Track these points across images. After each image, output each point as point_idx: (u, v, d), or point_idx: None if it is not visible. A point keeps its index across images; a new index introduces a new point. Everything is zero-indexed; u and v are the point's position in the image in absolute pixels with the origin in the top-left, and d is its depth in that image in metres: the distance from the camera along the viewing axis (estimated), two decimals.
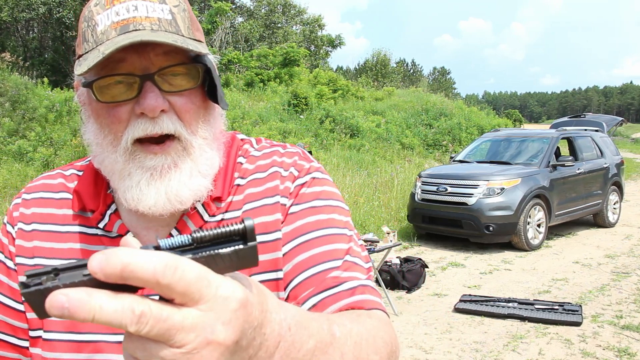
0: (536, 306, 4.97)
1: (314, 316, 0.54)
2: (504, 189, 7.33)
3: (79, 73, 0.69)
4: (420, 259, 6.17)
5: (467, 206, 7.35)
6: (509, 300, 5.12)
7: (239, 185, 0.81)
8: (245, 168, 0.82)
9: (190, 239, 0.38)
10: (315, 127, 14.44)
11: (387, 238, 5.71)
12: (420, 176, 8.23)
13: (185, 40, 0.70)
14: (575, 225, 9.08)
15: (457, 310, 5.06)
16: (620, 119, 12.50)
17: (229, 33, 24.33)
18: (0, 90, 10.52)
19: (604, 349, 4.13)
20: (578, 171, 8.41)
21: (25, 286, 0.35)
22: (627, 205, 10.93)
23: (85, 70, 0.67)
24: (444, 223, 7.68)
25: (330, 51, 32.79)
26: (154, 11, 0.70)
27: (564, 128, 10.44)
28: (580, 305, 4.94)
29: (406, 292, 5.67)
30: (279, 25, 31.94)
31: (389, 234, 5.73)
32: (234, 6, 26.96)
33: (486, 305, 5.05)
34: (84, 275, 0.35)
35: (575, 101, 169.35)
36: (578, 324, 4.60)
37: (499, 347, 4.22)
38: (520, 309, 4.91)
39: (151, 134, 0.70)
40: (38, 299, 0.35)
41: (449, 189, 7.61)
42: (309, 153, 0.88)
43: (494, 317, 4.85)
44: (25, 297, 0.35)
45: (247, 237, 0.38)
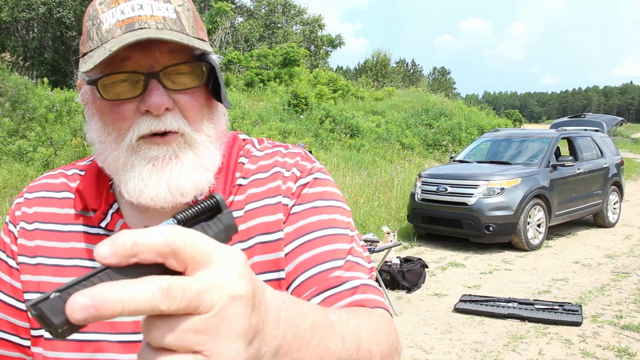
0: (536, 306, 4.97)
1: (305, 301, 0.53)
2: (504, 189, 7.33)
3: (84, 70, 0.70)
4: (420, 259, 6.17)
5: (467, 206, 7.35)
6: (509, 300, 5.12)
7: (240, 185, 0.81)
8: (247, 168, 0.82)
9: (175, 221, 0.40)
10: (315, 127, 14.44)
11: (387, 238, 5.71)
12: (420, 176, 8.23)
13: (190, 39, 0.71)
14: (575, 225, 9.08)
15: (457, 310, 5.06)
16: (620, 119, 12.51)
17: (229, 33, 24.33)
18: (0, 90, 10.52)
19: (604, 349, 4.13)
20: (578, 171, 8.41)
21: (35, 309, 0.33)
22: (627, 205, 10.93)
23: (91, 68, 0.68)
24: (444, 223, 7.68)
25: (330, 51, 32.85)
26: (159, 10, 0.71)
27: (564, 128, 10.44)
28: (580, 305, 4.94)
29: (406, 292, 5.67)
30: (279, 25, 31.97)
31: (389, 234, 5.73)
32: (234, 6, 26.97)
33: (486, 305, 5.05)
34: (84, 285, 0.34)
35: (575, 101, 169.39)
36: (578, 324, 4.60)
37: (499, 347, 4.22)
38: (520, 309, 4.91)
39: (156, 130, 0.71)
40: (53, 314, 0.33)
41: (449, 189, 7.61)
42: (309, 153, 0.88)
43: (494, 317, 4.86)
44: (37, 317, 0.33)
45: (222, 208, 0.42)
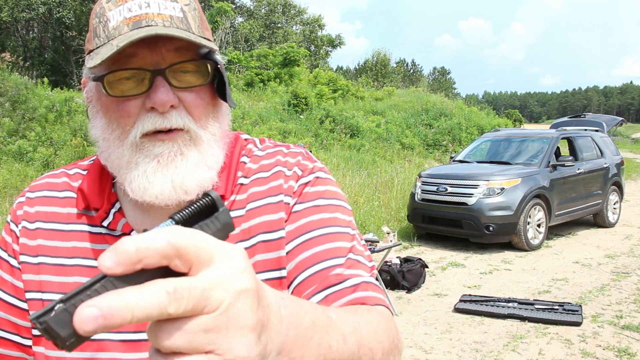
0: (536, 306, 4.97)
1: (303, 300, 0.53)
2: (504, 189, 7.33)
3: (91, 66, 0.70)
4: (420, 259, 6.17)
5: (467, 206, 7.35)
6: (509, 300, 5.12)
7: (242, 184, 0.81)
8: (249, 167, 0.82)
9: (173, 222, 0.40)
10: (315, 127, 14.44)
11: (387, 238, 5.71)
12: (420, 176, 8.23)
13: (196, 37, 0.71)
14: (575, 225, 9.08)
15: (457, 310, 5.06)
16: (620, 119, 12.51)
17: (229, 33, 24.35)
18: (0, 90, 10.52)
19: (604, 349, 4.13)
20: (578, 171, 8.41)
21: (41, 322, 0.32)
22: (627, 205, 10.93)
23: (98, 63, 0.68)
24: (444, 223, 7.68)
25: (330, 51, 32.88)
26: (166, 9, 0.72)
27: (564, 128, 10.44)
28: (580, 305, 4.94)
29: (406, 292, 5.67)
30: (279, 25, 31.99)
31: (389, 234, 5.73)
32: (234, 6, 26.98)
33: (486, 305, 5.05)
34: (89, 295, 0.34)
35: (575, 101, 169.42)
36: (578, 324, 4.60)
37: (499, 347, 4.22)
38: (520, 309, 4.91)
39: (160, 127, 0.71)
40: (60, 327, 0.33)
41: (449, 189, 7.61)
42: (310, 153, 0.89)
43: (494, 317, 4.86)
44: (43, 330, 0.33)
45: (218, 206, 0.42)
